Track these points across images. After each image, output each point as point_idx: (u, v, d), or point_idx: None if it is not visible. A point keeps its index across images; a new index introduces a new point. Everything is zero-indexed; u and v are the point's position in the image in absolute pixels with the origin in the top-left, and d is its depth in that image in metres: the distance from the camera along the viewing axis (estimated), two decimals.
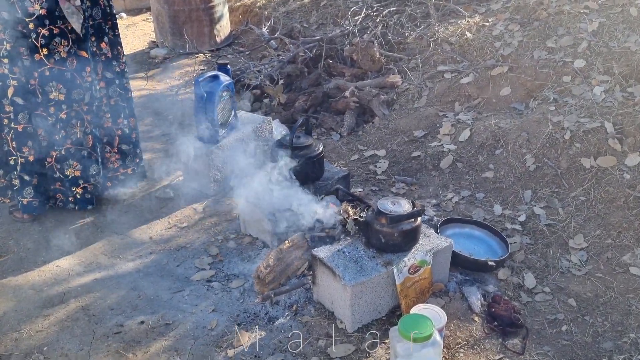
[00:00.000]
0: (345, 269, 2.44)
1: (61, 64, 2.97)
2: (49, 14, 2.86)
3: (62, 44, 2.95)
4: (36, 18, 2.83)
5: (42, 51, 2.89)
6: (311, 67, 4.70)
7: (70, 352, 2.40)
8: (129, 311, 2.63)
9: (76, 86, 3.05)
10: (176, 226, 3.26)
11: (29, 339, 2.47)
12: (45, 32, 2.87)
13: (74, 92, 3.06)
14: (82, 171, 3.19)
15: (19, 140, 3.02)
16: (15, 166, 3.07)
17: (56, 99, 3.01)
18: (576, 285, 2.69)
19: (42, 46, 2.89)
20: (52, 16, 2.87)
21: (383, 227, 2.50)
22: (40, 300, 2.69)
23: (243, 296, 2.71)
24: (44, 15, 2.85)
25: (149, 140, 4.21)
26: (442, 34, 4.38)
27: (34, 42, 2.86)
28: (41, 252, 3.02)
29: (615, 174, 3.02)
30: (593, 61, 3.64)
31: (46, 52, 2.91)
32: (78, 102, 3.09)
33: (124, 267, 2.92)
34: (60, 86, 3.00)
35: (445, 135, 3.68)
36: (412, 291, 2.54)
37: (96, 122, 3.20)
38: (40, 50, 2.89)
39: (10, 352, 2.40)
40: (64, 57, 2.97)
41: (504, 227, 3.04)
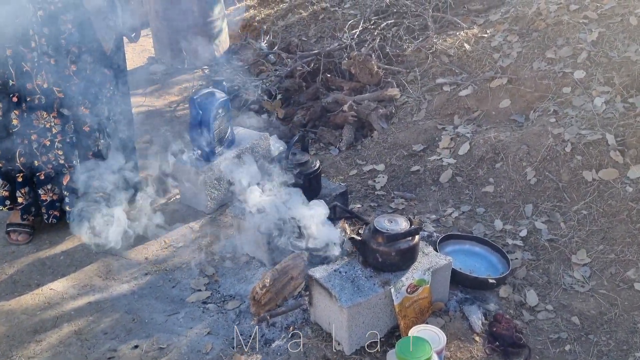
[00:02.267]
0: (341, 290, 2.39)
1: (87, 80, 3.04)
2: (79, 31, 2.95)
3: (89, 61, 3.03)
4: (67, 36, 2.92)
5: (72, 67, 2.98)
6: (309, 81, 4.67)
7: None
8: (123, 335, 2.58)
9: (99, 101, 3.13)
10: (172, 246, 3.22)
11: None
12: (75, 49, 2.96)
13: (97, 107, 3.13)
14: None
15: (68, 151, 3.08)
16: (58, 178, 3.13)
17: (82, 112, 3.09)
18: (579, 303, 2.62)
19: (72, 63, 2.98)
20: (82, 34, 2.97)
21: (380, 246, 2.44)
22: (33, 325, 2.64)
23: (239, 318, 2.65)
24: (74, 33, 2.93)
25: (146, 157, 4.18)
26: (441, 45, 4.35)
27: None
28: (35, 275, 2.98)
29: (618, 187, 2.96)
30: (593, 72, 3.59)
31: (75, 69, 2.99)
32: (100, 116, 3.17)
33: (119, 289, 2.88)
34: (86, 101, 3.07)
35: (445, 149, 3.63)
36: (411, 311, 2.48)
37: (112, 135, 3.30)
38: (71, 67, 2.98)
39: None
40: (89, 74, 3.05)
41: (505, 243, 2.98)
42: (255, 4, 7.18)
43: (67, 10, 2.87)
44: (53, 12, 2.84)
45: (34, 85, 2.90)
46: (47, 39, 2.85)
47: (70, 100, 3.00)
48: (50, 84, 2.93)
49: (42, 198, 3.14)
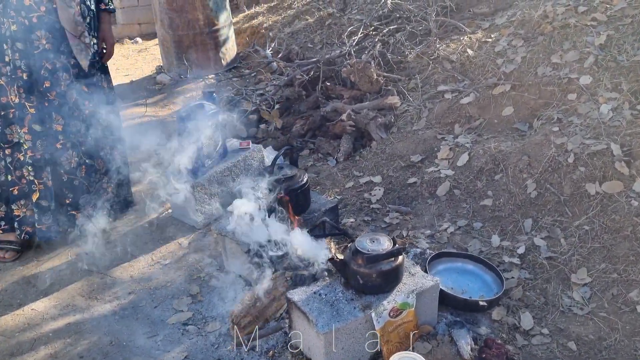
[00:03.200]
0: (319, 314, 2.28)
1: (61, 96, 3.01)
2: (53, 48, 2.93)
3: (63, 78, 3.00)
4: (40, 52, 2.89)
5: (44, 84, 2.95)
6: (310, 90, 4.56)
7: None
8: (99, 359, 2.51)
9: (74, 118, 3.09)
10: (159, 263, 3.15)
11: None
12: (48, 65, 2.93)
13: (71, 124, 3.09)
14: (74, 200, 3.20)
15: (38, 167, 3.04)
16: (30, 195, 3.09)
17: (55, 129, 3.05)
18: (577, 326, 2.46)
19: (44, 79, 2.94)
20: (56, 51, 2.95)
21: (360, 268, 2.32)
22: (10, 347, 2.59)
23: (218, 341, 2.56)
24: (48, 49, 2.91)
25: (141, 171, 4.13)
26: (443, 51, 4.20)
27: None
28: (18, 294, 2.94)
29: (622, 201, 2.79)
30: (600, 77, 3.40)
31: (48, 85, 2.96)
32: (75, 133, 3.12)
33: (100, 310, 2.81)
34: (59, 117, 3.03)
35: (443, 160, 3.49)
36: (394, 336, 2.36)
37: (91, 152, 3.24)
38: (43, 83, 2.95)
39: None
40: (64, 90, 3.02)
41: (502, 261, 2.83)
42: (264, 10, 7.12)
43: (41, 27, 2.84)
44: (27, 27, 2.80)
45: (7, 99, 2.88)
46: (20, 53, 2.82)
47: (42, 116, 2.96)
48: (22, 99, 2.89)
49: (15, 213, 3.10)
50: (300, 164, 3.97)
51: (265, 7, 7.17)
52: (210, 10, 5.97)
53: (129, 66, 7.18)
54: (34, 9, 2.84)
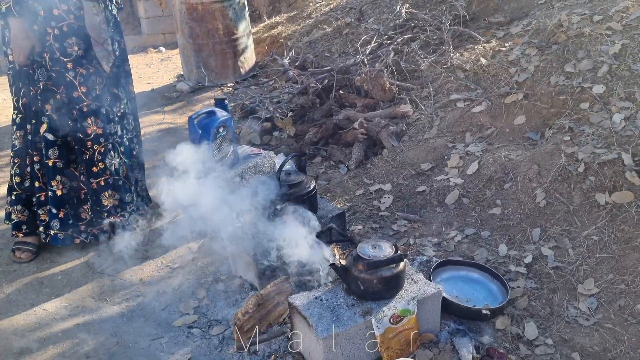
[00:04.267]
0: (319, 319, 2.29)
1: (97, 100, 3.13)
2: (85, 54, 3.04)
3: (98, 82, 3.12)
4: (74, 58, 3.00)
5: (80, 89, 3.05)
6: (324, 98, 4.60)
7: None
8: (105, 359, 2.55)
9: (110, 120, 3.21)
10: (168, 267, 3.20)
11: None
12: (82, 71, 3.04)
13: (109, 126, 3.21)
14: (120, 200, 3.32)
15: (49, 175, 3.14)
16: (45, 201, 3.18)
17: (94, 132, 3.14)
18: (582, 337, 2.43)
19: (81, 84, 3.05)
20: (88, 57, 3.06)
21: (361, 274, 2.33)
22: (20, 346, 2.65)
23: (222, 344, 2.59)
24: (81, 55, 3.03)
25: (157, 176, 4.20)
26: (457, 60, 4.20)
27: (73, 80, 3.02)
28: (31, 295, 3.01)
29: (632, 212, 2.75)
30: (613, 86, 3.37)
31: (85, 90, 3.06)
32: (113, 134, 3.25)
33: (109, 311, 2.87)
34: (98, 120, 3.14)
35: (453, 168, 3.48)
36: (395, 342, 2.35)
37: (128, 153, 3.39)
38: (78, 88, 3.05)
39: None
40: (99, 94, 3.13)
41: (508, 270, 2.81)
42: (284, 20, 7.20)
43: (72, 34, 2.97)
44: (58, 35, 2.92)
45: (42, 107, 3.04)
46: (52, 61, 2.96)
47: (56, 122, 3.07)
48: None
49: (42, 218, 3.18)
50: (312, 171, 4.00)
51: (285, 16, 7.25)
52: (230, 20, 6.06)
53: (151, 74, 7.32)
54: (63, 17, 2.94)
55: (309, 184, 3.02)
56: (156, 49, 8.63)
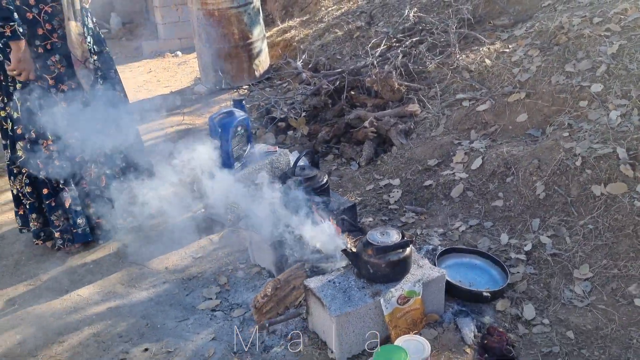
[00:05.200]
0: (332, 300, 2.50)
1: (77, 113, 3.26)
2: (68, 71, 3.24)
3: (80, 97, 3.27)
4: (56, 76, 3.20)
5: (62, 104, 3.23)
6: (335, 99, 4.81)
7: None
8: (136, 339, 2.79)
9: (92, 132, 3.34)
10: (191, 256, 3.43)
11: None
12: (64, 87, 3.24)
13: (89, 139, 3.33)
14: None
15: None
16: (56, 206, 3.37)
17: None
18: (577, 317, 2.61)
19: (61, 100, 3.23)
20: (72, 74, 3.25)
21: (371, 258, 2.54)
22: (58, 327, 2.90)
23: (243, 325, 2.81)
24: (64, 73, 3.23)
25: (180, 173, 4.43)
26: (463, 61, 4.39)
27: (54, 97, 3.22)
28: (66, 282, 3.25)
29: (625, 202, 2.93)
30: (611, 85, 3.55)
31: (65, 105, 3.23)
32: (92, 147, 3.36)
33: (138, 296, 3.10)
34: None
35: (458, 164, 3.68)
36: (402, 322, 2.56)
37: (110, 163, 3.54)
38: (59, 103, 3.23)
39: None
40: (82, 107, 3.27)
41: (508, 257, 3.00)
42: (297, 24, 7.42)
43: (55, 52, 3.18)
44: (42, 54, 3.14)
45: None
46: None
47: (58, 132, 3.26)
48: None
49: (55, 224, 3.39)
50: (325, 168, 4.21)
51: (298, 21, 7.47)
52: (245, 25, 6.30)
53: (169, 78, 7.58)
54: (47, 37, 3.14)
55: (322, 178, 3.24)
56: (173, 54, 8.89)
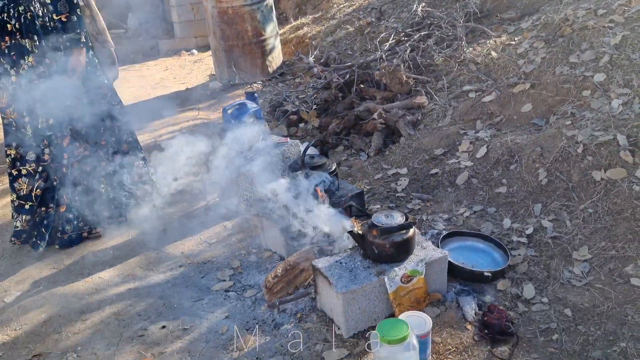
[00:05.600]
0: (339, 278, 2.63)
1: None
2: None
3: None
4: None
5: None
6: (345, 92, 4.94)
7: (99, 352, 2.73)
8: (154, 317, 2.94)
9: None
10: (206, 242, 3.58)
11: (66, 340, 2.84)
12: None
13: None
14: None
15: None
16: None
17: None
18: (574, 296, 2.71)
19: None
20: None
21: (375, 239, 2.67)
22: (81, 306, 3.06)
23: (254, 304, 2.95)
24: None
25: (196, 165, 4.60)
26: (470, 54, 4.50)
27: None
28: (88, 266, 3.42)
29: (624, 186, 3.02)
30: (614, 74, 3.63)
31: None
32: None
33: (155, 279, 3.26)
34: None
35: (464, 153, 3.78)
36: (406, 300, 2.68)
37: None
38: None
39: (50, 351, 2.77)
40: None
41: (510, 240, 3.11)
42: (309, 21, 7.56)
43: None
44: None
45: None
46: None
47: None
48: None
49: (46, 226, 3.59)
50: (335, 159, 4.34)
51: (310, 18, 7.61)
52: (258, 22, 6.45)
53: (185, 75, 7.76)
54: None
55: (330, 166, 3.37)
56: (189, 52, 9.08)
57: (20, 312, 3.07)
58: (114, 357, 2.69)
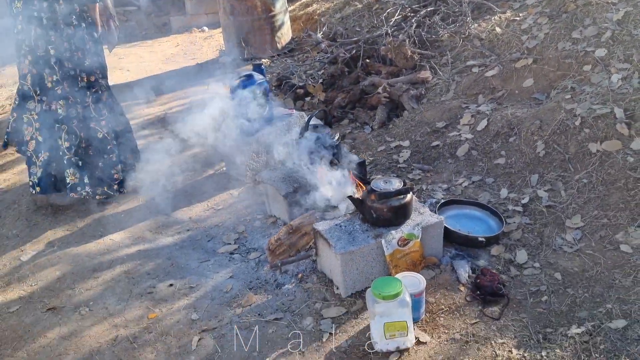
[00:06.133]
0: (338, 240, 2.75)
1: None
2: None
3: None
4: None
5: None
6: (352, 67, 5.02)
7: (110, 307, 2.89)
8: (162, 276, 3.08)
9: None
10: (213, 208, 3.71)
11: (79, 295, 2.99)
12: None
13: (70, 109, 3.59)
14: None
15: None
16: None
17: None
18: (565, 261, 2.82)
19: None
20: None
21: (374, 203, 2.78)
22: (93, 265, 3.21)
23: (258, 266, 3.08)
24: None
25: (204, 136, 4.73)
26: (475, 30, 4.55)
27: None
28: (100, 228, 3.57)
29: (619, 158, 3.10)
30: (615, 50, 3.69)
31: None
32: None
33: (164, 241, 3.40)
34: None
35: (465, 125, 3.87)
36: (402, 262, 2.79)
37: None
38: None
39: (64, 305, 2.93)
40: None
41: (506, 209, 3.21)
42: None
43: None
44: None
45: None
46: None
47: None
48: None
49: (68, 180, 3.62)
50: (339, 132, 4.43)
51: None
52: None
53: (196, 51, 7.85)
54: None
55: (334, 136, 3.47)
56: (200, 29, 9.15)
57: (36, 269, 3.23)
58: (124, 311, 2.84)
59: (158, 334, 2.67)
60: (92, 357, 2.57)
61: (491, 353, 2.35)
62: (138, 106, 5.71)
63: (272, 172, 3.50)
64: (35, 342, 2.70)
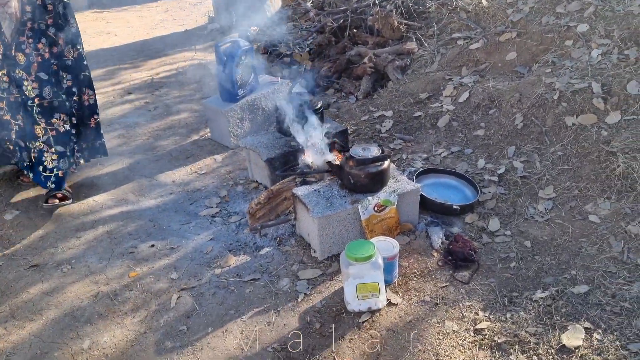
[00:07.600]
0: (316, 205, 2.82)
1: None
2: None
3: None
4: None
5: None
6: (339, 37, 5.03)
7: (91, 265, 2.95)
8: (144, 237, 3.15)
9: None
10: (196, 173, 3.76)
11: (62, 254, 3.05)
12: None
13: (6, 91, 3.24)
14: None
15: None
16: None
17: None
18: (535, 230, 2.91)
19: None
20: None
21: (352, 170, 2.84)
22: (76, 225, 3.27)
23: (238, 229, 3.15)
24: None
25: (190, 102, 4.75)
26: (462, 2, 4.57)
27: None
28: (84, 190, 3.61)
29: (593, 131, 3.17)
30: (596, 25, 3.73)
31: None
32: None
33: (147, 204, 3.45)
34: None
35: (447, 97, 3.92)
36: (378, 227, 2.87)
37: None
38: None
39: (46, 263, 2.99)
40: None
41: (482, 179, 3.28)
42: None
43: None
44: None
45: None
46: None
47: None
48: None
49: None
50: (324, 101, 4.48)
51: None
52: None
53: (185, 17, 7.81)
54: None
55: (316, 103, 3.51)
56: None
57: (19, 228, 3.28)
58: (105, 269, 2.91)
59: (138, 291, 2.74)
60: (74, 312, 2.64)
61: (459, 314, 2.45)
62: (125, 71, 5.70)
63: (254, 138, 3.54)
64: (17, 297, 2.77)
